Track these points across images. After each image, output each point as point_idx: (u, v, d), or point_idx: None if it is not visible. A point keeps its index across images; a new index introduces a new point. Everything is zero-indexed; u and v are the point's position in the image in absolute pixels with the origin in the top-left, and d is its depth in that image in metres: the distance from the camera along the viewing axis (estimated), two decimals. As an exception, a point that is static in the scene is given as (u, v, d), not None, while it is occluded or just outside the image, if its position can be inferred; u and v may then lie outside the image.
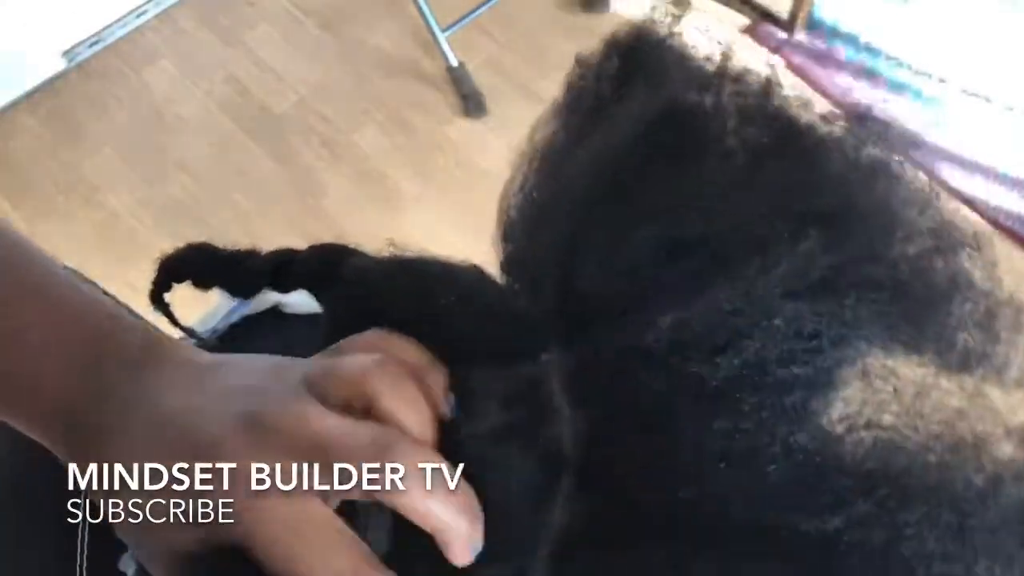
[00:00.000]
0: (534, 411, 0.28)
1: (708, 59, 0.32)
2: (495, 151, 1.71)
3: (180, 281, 0.37)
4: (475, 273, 0.33)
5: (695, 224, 0.29)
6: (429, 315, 0.31)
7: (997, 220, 1.55)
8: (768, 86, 0.30)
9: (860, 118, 0.30)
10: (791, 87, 0.31)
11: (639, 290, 0.28)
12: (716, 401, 0.26)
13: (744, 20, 1.82)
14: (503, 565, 0.28)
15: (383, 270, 0.33)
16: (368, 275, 0.33)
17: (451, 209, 1.65)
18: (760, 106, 0.30)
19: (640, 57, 0.33)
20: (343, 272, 0.33)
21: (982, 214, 1.55)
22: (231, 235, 0.34)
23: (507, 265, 0.33)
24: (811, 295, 0.27)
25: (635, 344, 0.27)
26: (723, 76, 0.31)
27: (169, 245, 0.37)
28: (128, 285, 1.49)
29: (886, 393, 0.27)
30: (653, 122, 0.31)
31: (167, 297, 0.38)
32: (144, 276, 0.38)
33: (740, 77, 0.31)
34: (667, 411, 0.27)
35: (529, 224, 0.33)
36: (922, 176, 0.29)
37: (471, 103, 1.78)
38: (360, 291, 0.32)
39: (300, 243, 0.36)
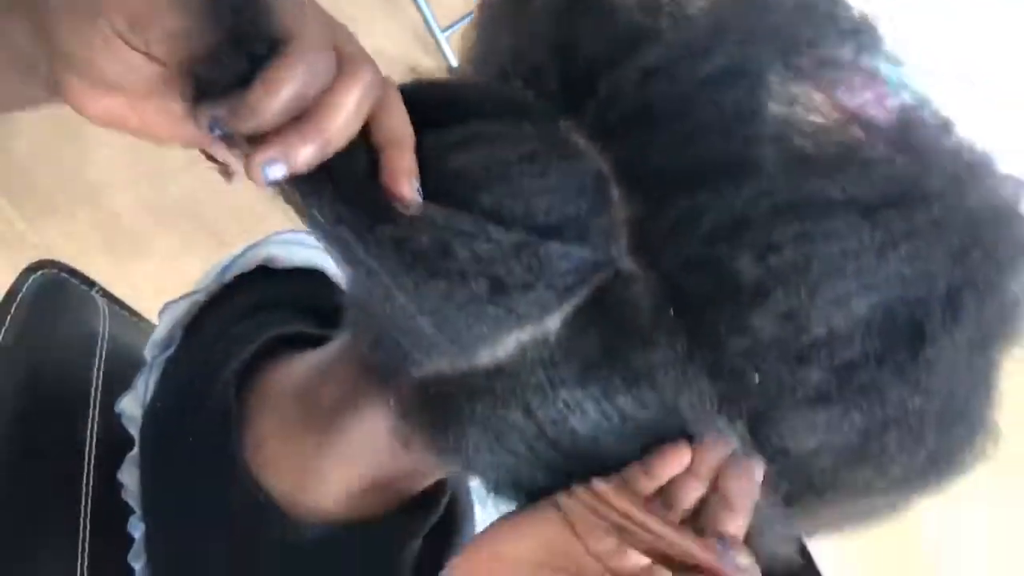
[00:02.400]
0: (557, 145, 0.35)
1: None
2: (495, 151, 1.71)
3: None
4: (480, 81, 0.40)
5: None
6: (448, 122, 0.36)
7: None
8: None
9: None
10: None
11: (637, 33, 0.36)
12: (713, 86, 0.35)
13: None
14: (582, 244, 0.34)
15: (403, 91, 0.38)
16: None
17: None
18: None
19: None
20: None
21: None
22: (233, 235, 0.34)
23: (503, 75, 0.39)
24: (753, 10, 0.37)
25: (640, 65, 0.35)
26: None
27: (170, 245, 0.37)
28: (129, 285, 1.49)
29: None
30: None
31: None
32: (145, 276, 0.38)
33: None
34: (679, 105, 0.35)
35: (511, 55, 0.39)
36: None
37: (471, 103, 1.78)
38: None
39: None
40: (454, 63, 1.82)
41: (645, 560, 0.36)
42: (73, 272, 0.62)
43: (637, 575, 0.36)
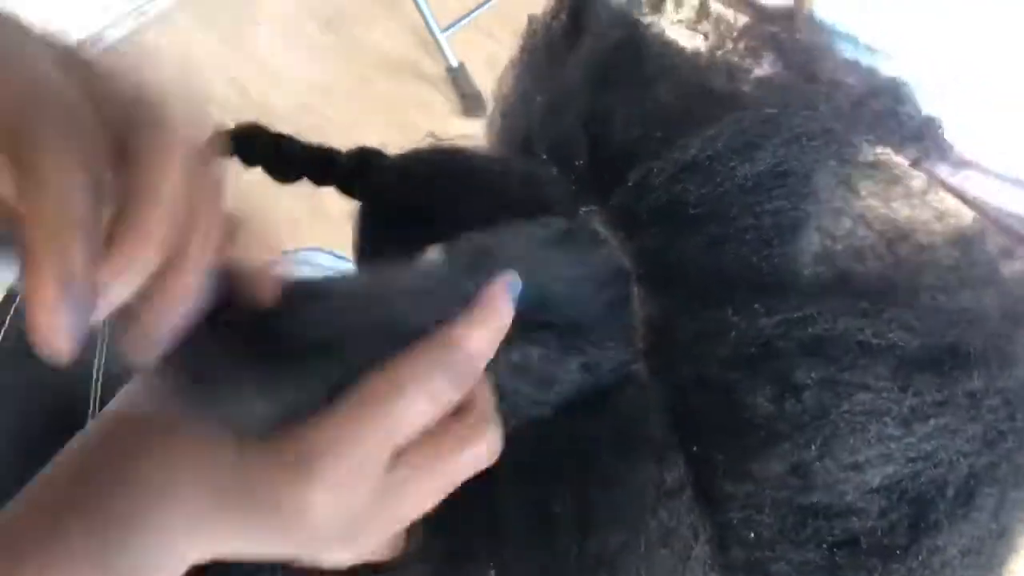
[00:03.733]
0: (581, 240, 0.32)
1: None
2: (495, 151, 1.71)
3: (228, 156, 0.38)
4: (500, 154, 0.37)
5: (697, 79, 0.35)
6: (464, 194, 0.34)
7: (998, 220, 1.55)
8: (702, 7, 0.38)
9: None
10: None
11: (667, 127, 0.34)
12: (755, 190, 0.32)
13: (743, 20, 1.82)
14: (596, 353, 0.31)
15: (413, 164, 0.36)
16: (400, 168, 0.36)
17: (451, 209, 1.65)
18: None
19: (584, 6, 0.38)
20: (377, 168, 0.35)
21: (983, 214, 1.55)
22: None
23: (528, 139, 0.36)
24: (806, 108, 0.33)
25: (680, 156, 0.32)
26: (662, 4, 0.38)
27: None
28: (128, 285, 1.47)
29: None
30: (620, 35, 0.37)
31: None
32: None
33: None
34: (715, 206, 0.32)
35: (543, 117, 0.36)
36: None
37: (471, 103, 1.78)
38: (392, 181, 0.35)
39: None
40: (454, 63, 1.83)
41: None
42: None
43: None
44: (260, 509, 0.25)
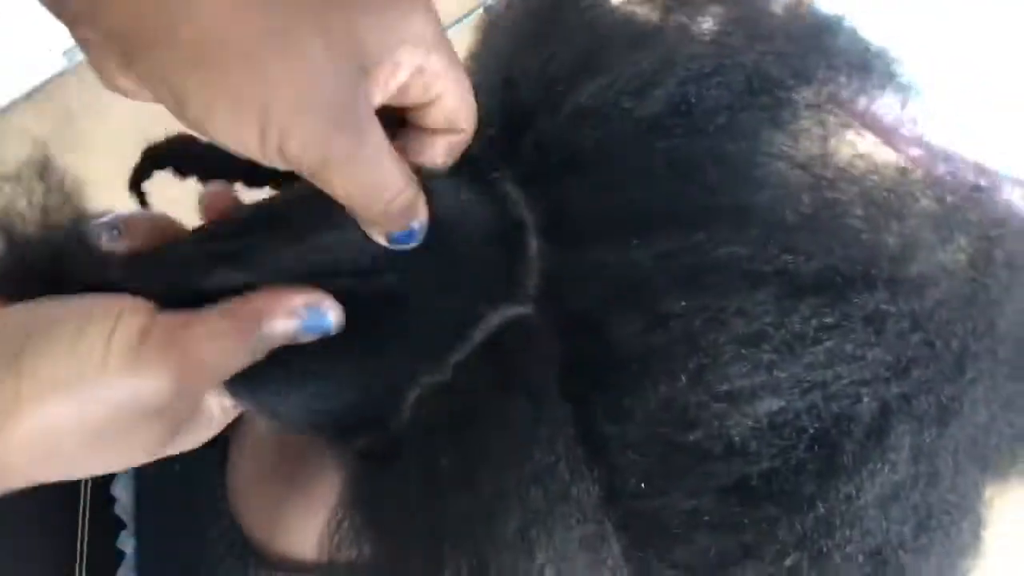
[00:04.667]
0: (486, 193, 0.32)
1: None
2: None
3: (161, 168, 0.41)
4: None
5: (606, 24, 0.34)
6: None
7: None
8: None
9: None
10: None
11: (568, 77, 0.33)
12: (652, 130, 0.31)
13: None
14: (488, 293, 0.31)
15: None
16: None
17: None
18: None
19: None
20: None
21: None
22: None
23: None
24: (717, 47, 0.32)
25: (574, 106, 0.32)
26: None
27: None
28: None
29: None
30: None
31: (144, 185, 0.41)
32: (143, 276, 0.38)
33: None
34: (612, 151, 0.31)
35: (474, 69, 0.37)
36: None
37: (471, 103, 1.78)
38: None
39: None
40: (454, 63, 1.82)
41: None
42: None
43: None
44: None
